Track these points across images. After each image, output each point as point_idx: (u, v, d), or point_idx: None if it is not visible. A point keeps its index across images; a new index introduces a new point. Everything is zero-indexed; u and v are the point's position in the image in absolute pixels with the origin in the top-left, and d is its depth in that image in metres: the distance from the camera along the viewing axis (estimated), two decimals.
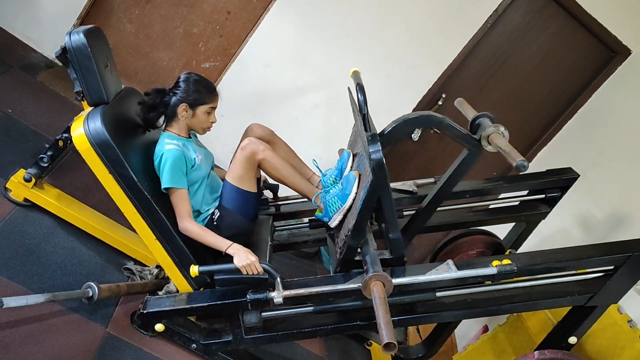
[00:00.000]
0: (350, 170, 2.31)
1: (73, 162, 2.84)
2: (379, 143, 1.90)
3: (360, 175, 2.17)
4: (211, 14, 3.64)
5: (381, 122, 3.93)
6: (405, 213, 2.69)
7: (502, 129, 2.03)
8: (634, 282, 2.24)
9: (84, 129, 2.06)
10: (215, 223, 2.34)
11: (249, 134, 2.51)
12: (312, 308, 2.29)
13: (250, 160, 2.29)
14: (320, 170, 2.49)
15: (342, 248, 2.18)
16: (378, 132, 2.00)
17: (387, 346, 1.63)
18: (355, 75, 2.22)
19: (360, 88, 2.06)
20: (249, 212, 2.39)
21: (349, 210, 2.18)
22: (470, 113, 2.22)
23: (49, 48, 3.65)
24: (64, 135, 2.47)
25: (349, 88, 2.39)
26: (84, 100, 2.25)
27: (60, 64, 2.26)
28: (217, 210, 2.35)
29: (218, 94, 2.34)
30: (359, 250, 2.17)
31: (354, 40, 3.65)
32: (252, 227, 2.47)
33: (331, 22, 3.60)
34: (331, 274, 2.28)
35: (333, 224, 2.27)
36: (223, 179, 2.59)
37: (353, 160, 2.37)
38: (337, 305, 2.28)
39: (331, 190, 2.28)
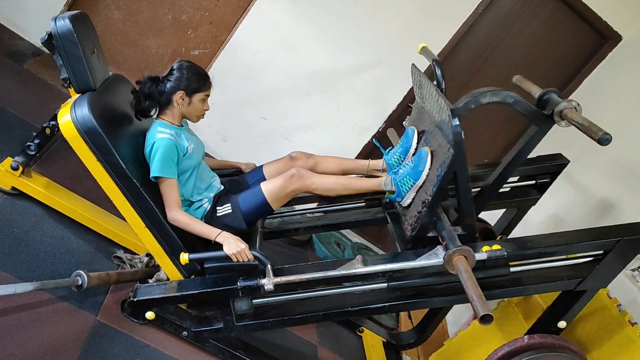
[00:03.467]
0: (418, 147, 2.31)
1: (61, 150, 2.82)
2: (458, 118, 1.91)
3: (432, 151, 2.16)
4: (200, 0, 3.60)
5: (372, 108, 3.94)
6: None
7: (574, 103, 2.02)
8: (623, 267, 2.26)
9: (71, 116, 2.04)
10: (218, 214, 2.34)
11: (293, 162, 2.52)
12: (324, 292, 2.30)
13: (298, 191, 2.32)
14: (382, 150, 2.49)
15: (414, 225, 2.18)
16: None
17: (484, 319, 1.64)
18: (425, 50, 2.21)
19: (437, 63, 2.05)
20: (254, 222, 2.40)
21: (421, 187, 2.19)
22: (534, 89, 2.21)
23: (36, 35, 3.58)
24: (51, 122, 2.43)
25: (413, 64, 2.38)
26: (70, 87, 2.22)
27: (47, 51, 2.23)
28: (229, 205, 2.34)
29: (211, 82, 2.33)
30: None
31: (344, 26, 3.63)
32: (245, 233, 2.44)
33: (322, 8, 3.57)
34: (399, 251, 2.28)
35: (406, 202, 2.27)
36: (214, 168, 2.58)
37: (419, 137, 2.36)
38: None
39: (400, 170, 2.28)
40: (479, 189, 2.46)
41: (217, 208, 2.36)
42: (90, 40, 2.24)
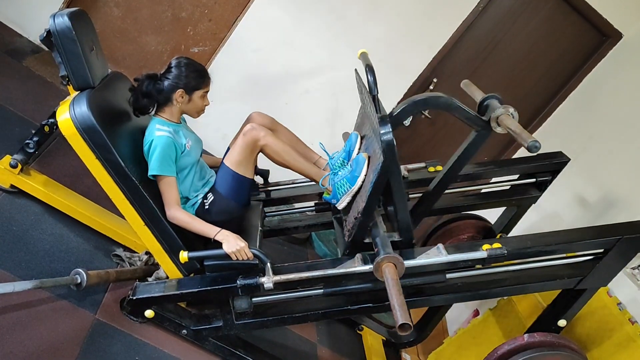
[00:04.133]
0: (359, 152, 2.30)
1: (60, 148, 2.81)
2: (389, 124, 1.89)
3: (369, 157, 2.15)
4: None
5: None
6: None
7: (511, 110, 2.02)
8: (623, 265, 2.26)
9: (69, 114, 2.03)
10: (207, 207, 2.32)
11: (250, 122, 2.48)
12: (310, 292, 2.28)
13: (251, 146, 2.27)
14: (327, 153, 2.48)
15: (350, 230, 2.17)
16: (387, 114, 1.99)
17: (403, 327, 1.65)
18: (364, 56, 2.20)
19: (370, 69, 2.05)
20: (242, 198, 2.38)
21: (357, 192, 2.18)
22: (477, 95, 2.21)
23: (35, 33, 3.59)
24: (50, 120, 2.43)
25: (355, 70, 2.38)
26: (69, 85, 2.21)
27: (46, 48, 2.21)
28: (210, 194, 2.33)
29: (210, 78, 2.32)
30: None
31: (344, 24, 3.62)
32: (243, 213, 2.45)
33: (321, 5, 3.56)
34: (339, 257, 2.27)
35: (341, 205, 2.26)
36: (212, 166, 2.57)
37: (361, 142, 2.35)
38: (337, 289, 2.28)
39: (339, 172, 2.27)
40: (421, 194, 2.48)
41: (204, 201, 2.35)
42: (89, 38, 2.23)
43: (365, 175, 2.13)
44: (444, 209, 2.70)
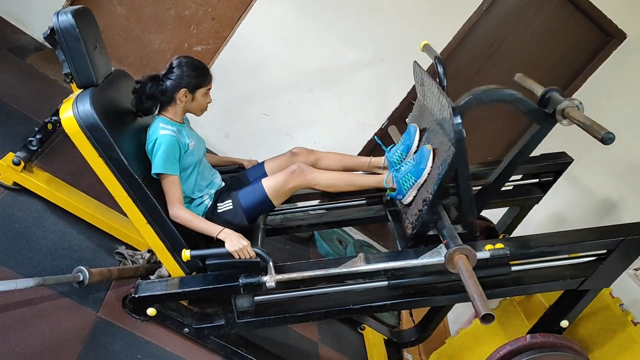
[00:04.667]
0: (419, 145, 2.30)
1: (63, 146, 2.81)
2: (460, 116, 1.89)
3: (434, 149, 2.15)
4: None
5: (375, 105, 3.93)
6: None
7: (577, 101, 2.01)
8: (626, 266, 2.25)
9: (73, 112, 2.03)
10: (219, 211, 2.33)
11: (294, 157, 2.50)
12: (325, 290, 2.29)
13: (299, 186, 2.30)
14: (383, 147, 2.48)
15: (415, 223, 2.17)
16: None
17: (485, 318, 1.63)
18: (428, 48, 2.20)
19: (439, 60, 2.04)
20: (256, 217, 2.39)
21: (422, 185, 2.18)
22: (536, 88, 2.20)
23: (38, 30, 3.59)
24: (53, 118, 2.43)
25: (415, 62, 2.38)
26: (72, 83, 2.21)
27: (49, 46, 2.22)
28: (229, 201, 2.33)
29: (212, 75, 2.31)
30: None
31: (348, 23, 3.62)
32: (246, 229, 2.42)
33: (325, 4, 3.56)
34: (399, 249, 2.28)
35: (407, 200, 2.27)
36: (214, 165, 2.57)
37: (421, 135, 2.35)
38: (402, 281, 2.28)
39: (402, 168, 2.27)
40: (480, 187, 2.45)
41: (218, 204, 2.35)
42: (93, 36, 2.23)
43: (432, 168, 2.13)
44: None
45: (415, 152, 2.29)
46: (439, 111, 2.08)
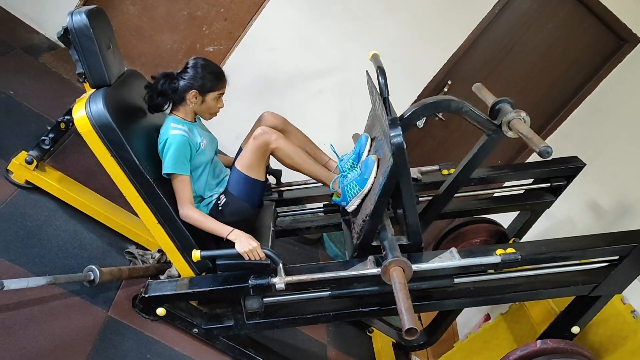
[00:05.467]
0: (368, 154, 2.29)
1: (75, 145, 2.83)
2: (399, 127, 1.89)
3: (379, 159, 2.15)
4: None
5: None
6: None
7: (523, 114, 2.01)
8: (638, 273, 2.23)
9: (85, 111, 2.04)
10: (220, 208, 2.33)
11: (262, 123, 2.49)
12: (320, 294, 2.27)
13: (262, 150, 2.26)
14: (337, 155, 2.47)
15: (359, 233, 2.17)
16: (398, 116, 1.98)
17: (409, 331, 1.64)
18: (375, 58, 2.19)
19: (381, 71, 2.04)
20: (255, 199, 2.38)
21: (367, 195, 2.17)
22: (489, 98, 2.20)
23: (52, 29, 3.61)
24: (66, 117, 2.45)
25: (367, 72, 2.37)
26: (86, 82, 2.22)
27: (63, 45, 2.23)
28: (222, 196, 2.33)
29: (226, 80, 2.31)
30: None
31: (359, 24, 3.61)
32: (256, 215, 2.45)
33: (337, 6, 3.55)
34: (347, 259, 2.28)
35: (350, 208, 2.26)
36: (226, 165, 2.58)
37: (371, 144, 2.35)
38: (344, 292, 2.26)
39: (349, 175, 2.27)
40: (431, 197, 2.47)
41: (218, 202, 2.35)
42: (106, 36, 2.24)
43: (375, 178, 2.13)
44: (456, 212, 2.69)
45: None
46: (384, 122, 2.07)
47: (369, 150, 2.33)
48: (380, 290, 2.24)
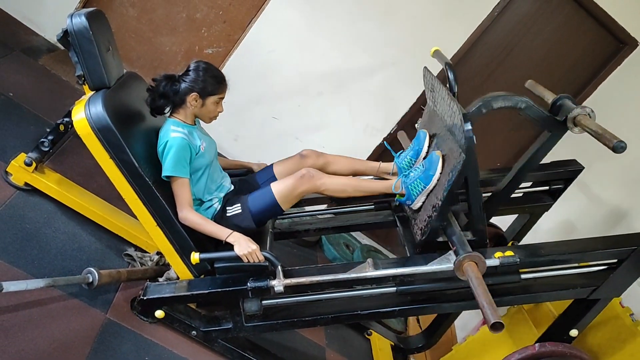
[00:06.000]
0: (429, 151, 2.30)
1: (74, 147, 2.83)
2: (470, 122, 1.89)
3: (444, 155, 2.15)
4: None
5: (385, 110, 3.92)
6: None
7: (588, 110, 2.00)
8: (637, 276, 2.23)
9: (85, 113, 2.04)
10: (228, 215, 2.33)
11: (304, 160, 2.49)
12: (329, 295, 2.29)
13: (306, 191, 2.29)
14: (393, 152, 2.48)
15: (424, 229, 2.17)
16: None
17: (494, 326, 1.63)
18: (438, 54, 2.20)
19: (449, 67, 2.04)
20: (264, 221, 2.39)
21: (431, 191, 2.18)
22: (547, 95, 2.19)
23: (51, 31, 3.62)
24: (65, 119, 2.44)
25: (425, 67, 2.38)
26: (85, 84, 2.23)
27: (62, 47, 2.23)
28: (238, 205, 2.33)
29: (227, 84, 2.32)
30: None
31: (359, 27, 3.62)
32: (253, 233, 2.42)
33: (336, 8, 3.56)
34: (408, 255, 2.28)
35: (417, 205, 2.26)
36: (225, 168, 2.58)
37: (430, 140, 2.35)
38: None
39: (411, 174, 2.27)
40: (490, 194, 2.45)
41: (227, 208, 2.35)
42: (106, 38, 2.24)
43: (440, 174, 2.13)
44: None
45: (424, 158, 2.29)
46: (449, 117, 2.08)
47: (429, 147, 2.33)
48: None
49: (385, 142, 2.48)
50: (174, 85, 2.22)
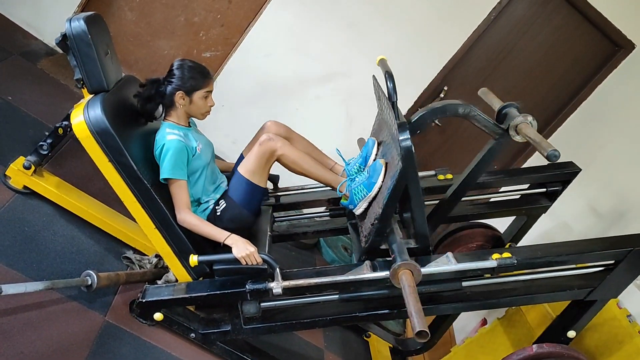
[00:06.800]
0: (376, 158, 2.31)
1: (73, 150, 2.83)
2: (408, 131, 1.90)
3: (387, 163, 2.16)
4: (212, 3, 3.61)
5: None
6: None
7: (530, 118, 2.02)
8: (634, 277, 2.24)
9: (83, 117, 2.05)
10: (218, 214, 2.34)
11: (266, 131, 2.50)
12: (320, 298, 2.29)
13: (267, 156, 2.28)
14: (343, 159, 2.49)
15: (367, 237, 2.17)
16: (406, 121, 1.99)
17: (420, 334, 1.64)
18: (382, 62, 2.21)
19: (389, 76, 2.05)
20: (254, 206, 2.39)
21: (374, 198, 2.18)
22: (495, 103, 2.21)
23: (50, 35, 3.63)
24: (64, 122, 2.45)
25: (374, 76, 2.39)
26: (84, 88, 2.24)
27: (61, 51, 2.24)
28: (222, 201, 2.34)
29: (212, 77, 2.32)
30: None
31: (356, 30, 3.63)
32: (253, 222, 2.47)
33: (333, 12, 3.58)
34: (352, 262, 2.28)
35: (358, 211, 2.27)
36: (224, 171, 2.59)
37: (378, 148, 2.36)
38: (349, 295, 2.27)
39: (357, 179, 2.28)
40: (438, 201, 2.48)
41: (216, 207, 2.36)
42: (104, 42, 2.26)
43: (383, 182, 2.14)
44: (453, 217, 2.69)
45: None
46: (392, 126, 2.08)
47: (376, 154, 2.34)
48: (387, 294, 2.24)
49: (337, 149, 2.50)
50: (160, 88, 2.23)
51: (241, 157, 2.53)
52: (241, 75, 3.73)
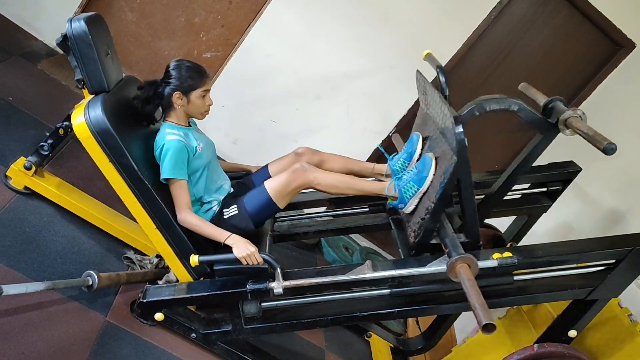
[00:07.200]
0: (422, 153, 2.30)
1: (74, 151, 2.84)
2: (462, 124, 1.90)
3: (436, 157, 2.15)
4: (213, 4, 3.62)
5: (383, 113, 3.93)
6: None
7: (580, 112, 2.00)
8: (635, 277, 2.24)
9: (84, 117, 2.05)
10: (225, 217, 2.33)
11: (299, 158, 2.48)
12: (326, 297, 2.30)
13: (299, 184, 2.26)
14: (386, 155, 2.48)
15: (417, 232, 2.17)
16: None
17: (486, 327, 1.63)
18: (430, 57, 2.21)
19: (441, 69, 2.05)
20: (262, 221, 2.39)
21: (425, 193, 2.18)
22: (540, 97, 2.20)
23: (50, 36, 3.63)
24: (65, 123, 2.45)
25: (418, 71, 2.39)
26: (84, 88, 2.24)
27: (61, 51, 2.24)
28: (234, 207, 2.33)
29: (209, 76, 2.31)
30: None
31: (356, 30, 3.63)
32: (255, 233, 2.41)
33: (334, 12, 3.58)
34: (402, 258, 2.28)
35: (409, 209, 2.25)
36: (226, 171, 2.59)
37: (424, 143, 2.35)
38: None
39: (404, 176, 2.26)
40: (484, 196, 2.46)
41: (224, 210, 2.35)
42: (105, 42, 2.26)
43: (434, 176, 2.13)
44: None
45: (417, 161, 2.29)
46: (441, 120, 2.08)
47: (422, 149, 2.34)
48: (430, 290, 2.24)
49: (379, 145, 2.48)
50: (157, 89, 2.23)
51: (265, 169, 2.54)
52: (242, 76, 3.73)
